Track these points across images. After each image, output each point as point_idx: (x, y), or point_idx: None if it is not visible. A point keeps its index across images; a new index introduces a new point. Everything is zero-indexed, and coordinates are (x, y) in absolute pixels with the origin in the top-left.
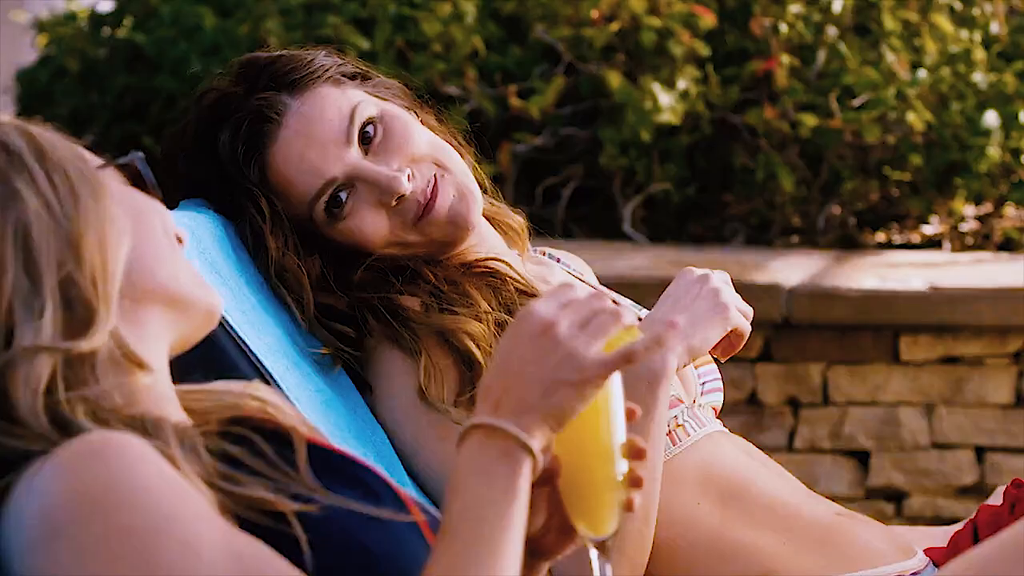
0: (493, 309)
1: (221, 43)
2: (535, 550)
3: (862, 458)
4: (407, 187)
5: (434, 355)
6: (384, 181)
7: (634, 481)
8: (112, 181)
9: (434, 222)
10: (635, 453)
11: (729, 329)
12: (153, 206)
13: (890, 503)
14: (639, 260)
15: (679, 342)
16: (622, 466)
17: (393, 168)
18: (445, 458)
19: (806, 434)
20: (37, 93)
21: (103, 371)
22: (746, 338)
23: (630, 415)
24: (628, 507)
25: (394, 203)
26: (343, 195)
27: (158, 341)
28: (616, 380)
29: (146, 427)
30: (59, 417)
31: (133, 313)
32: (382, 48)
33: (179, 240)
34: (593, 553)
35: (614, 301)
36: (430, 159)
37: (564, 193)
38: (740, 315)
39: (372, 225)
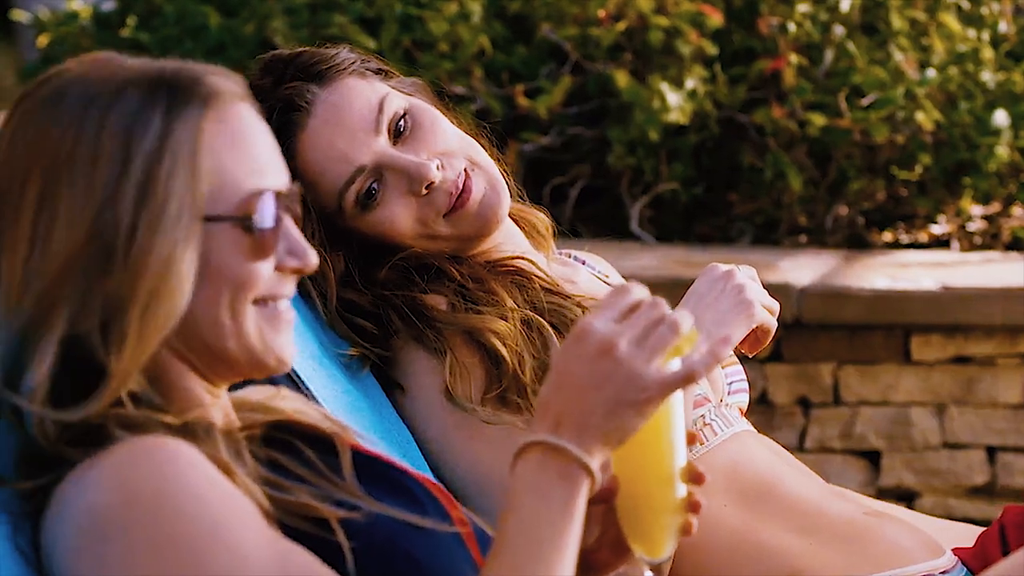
0: (519, 307)
1: (226, 42)
2: (588, 565)
3: (873, 458)
4: (436, 175)
5: (460, 354)
6: (413, 168)
7: (692, 506)
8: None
9: (465, 215)
10: (694, 478)
11: (754, 326)
12: (233, 274)
13: (901, 503)
14: (647, 260)
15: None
16: (681, 490)
17: (422, 158)
18: (473, 458)
19: (817, 434)
20: None
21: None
22: (772, 334)
23: (691, 439)
24: (686, 531)
25: (424, 192)
26: (376, 185)
27: (206, 377)
28: (679, 405)
29: (196, 432)
30: (87, 428)
31: (180, 356)
32: (388, 47)
33: (264, 301)
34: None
35: None
36: (461, 153)
37: (571, 193)
38: (765, 311)
39: (402, 215)
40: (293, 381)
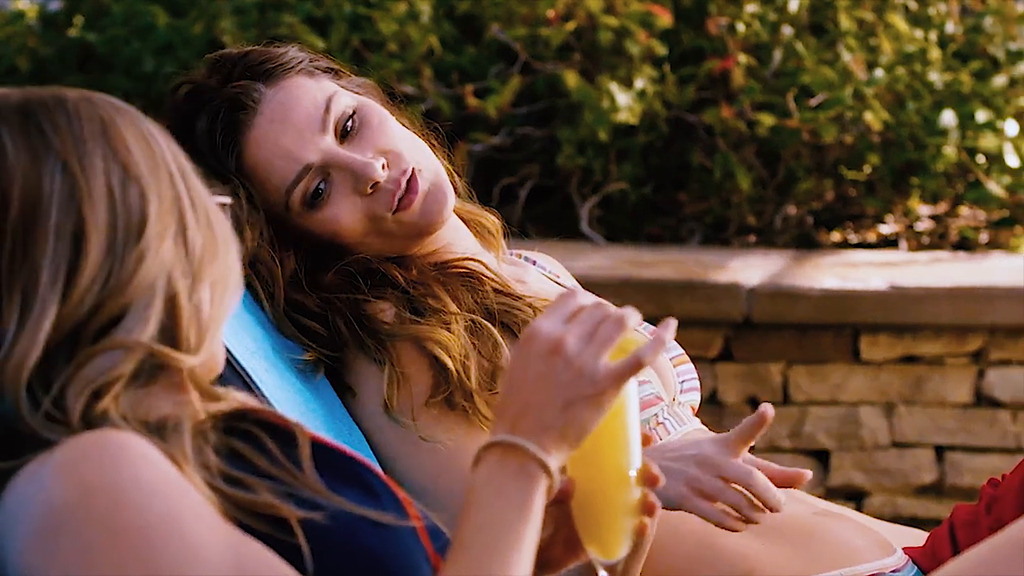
0: (470, 310)
1: (174, 42)
2: (541, 562)
3: (822, 457)
4: (381, 174)
5: (402, 362)
6: (358, 167)
7: (647, 508)
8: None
9: (410, 214)
10: (649, 480)
11: None
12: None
13: (850, 502)
14: (597, 260)
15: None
16: (636, 492)
17: (368, 156)
18: (417, 468)
19: (766, 433)
20: None
21: (162, 379)
22: None
23: (645, 441)
24: (640, 533)
25: (369, 191)
26: (322, 185)
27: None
28: (634, 408)
29: (165, 431)
30: (92, 414)
31: None
32: (337, 47)
33: None
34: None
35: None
36: (407, 153)
37: (521, 193)
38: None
39: (349, 214)
40: (245, 382)
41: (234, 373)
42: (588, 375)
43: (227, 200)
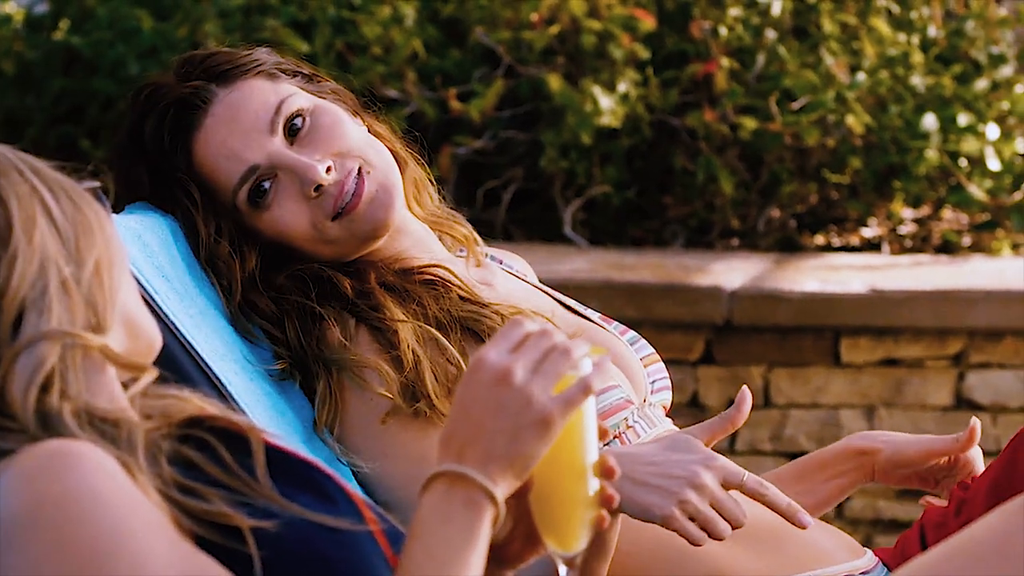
0: (435, 317)
1: (159, 45)
2: (500, 558)
3: None
4: (325, 177)
5: (337, 384)
6: (301, 169)
7: (605, 500)
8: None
9: (355, 217)
10: (606, 472)
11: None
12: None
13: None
14: (580, 263)
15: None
16: (593, 484)
17: (314, 159)
18: (385, 473)
19: (747, 436)
20: None
21: (91, 373)
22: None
23: (602, 434)
24: (599, 525)
25: (313, 194)
26: (266, 184)
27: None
28: (590, 400)
29: (119, 434)
30: (46, 414)
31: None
32: (322, 51)
33: None
34: (562, 569)
35: (581, 313)
36: (357, 155)
37: (504, 196)
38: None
39: (293, 215)
40: (215, 385)
41: (203, 375)
42: (536, 405)
43: (95, 184)
